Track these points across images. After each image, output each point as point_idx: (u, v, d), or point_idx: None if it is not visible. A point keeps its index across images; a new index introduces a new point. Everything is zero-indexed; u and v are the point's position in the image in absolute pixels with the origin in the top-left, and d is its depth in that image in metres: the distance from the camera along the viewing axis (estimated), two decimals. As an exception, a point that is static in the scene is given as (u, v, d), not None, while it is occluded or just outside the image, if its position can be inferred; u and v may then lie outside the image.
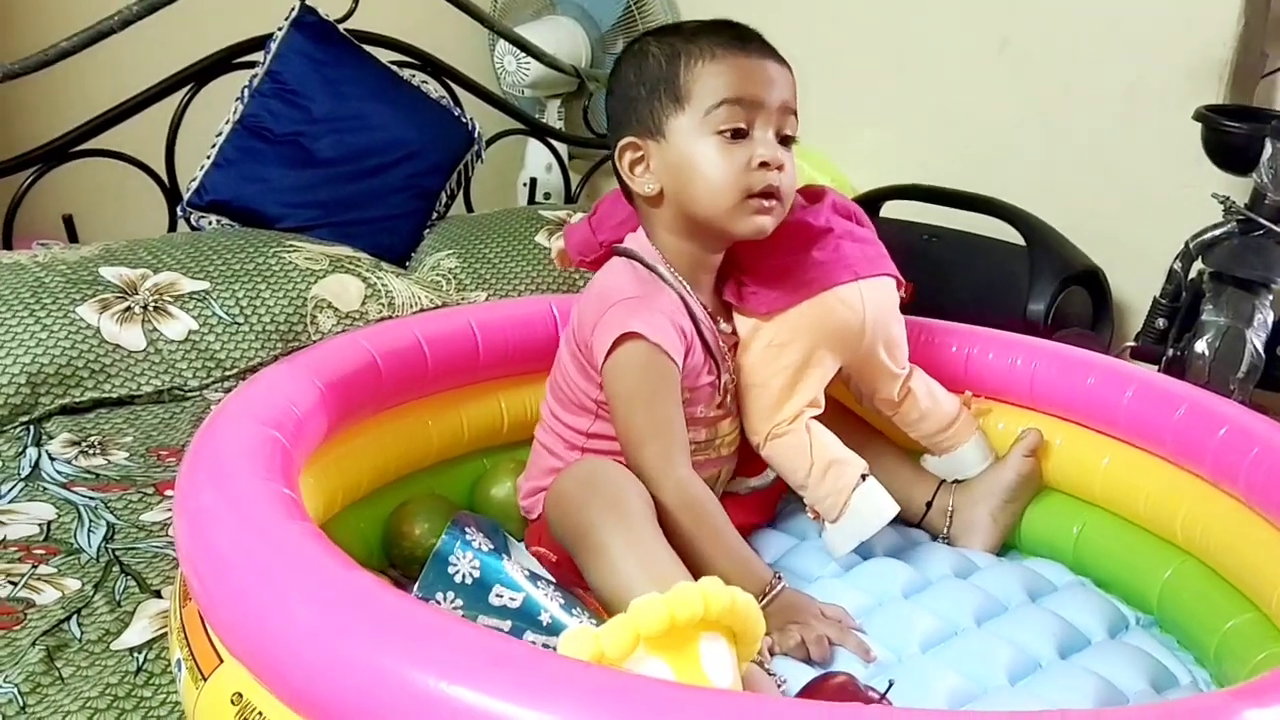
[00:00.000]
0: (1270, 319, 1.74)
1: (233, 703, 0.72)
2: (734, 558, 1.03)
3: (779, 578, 1.04)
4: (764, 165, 1.05)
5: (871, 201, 2.16)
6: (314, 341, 1.57)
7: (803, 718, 0.63)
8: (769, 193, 1.06)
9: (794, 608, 1.02)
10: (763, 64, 1.07)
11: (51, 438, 1.37)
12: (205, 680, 0.75)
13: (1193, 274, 1.80)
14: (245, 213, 1.88)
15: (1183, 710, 0.65)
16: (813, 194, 1.19)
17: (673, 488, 1.02)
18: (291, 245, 1.74)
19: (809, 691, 0.91)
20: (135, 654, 0.97)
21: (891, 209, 2.18)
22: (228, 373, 1.55)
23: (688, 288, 1.10)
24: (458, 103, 2.16)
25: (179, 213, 1.92)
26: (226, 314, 1.58)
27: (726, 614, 0.75)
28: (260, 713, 0.70)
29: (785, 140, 1.08)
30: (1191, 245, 1.80)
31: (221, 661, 0.75)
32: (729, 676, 0.76)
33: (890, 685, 0.94)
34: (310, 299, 1.64)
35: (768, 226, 1.08)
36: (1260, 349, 1.72)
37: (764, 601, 1.00)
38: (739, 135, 1.05)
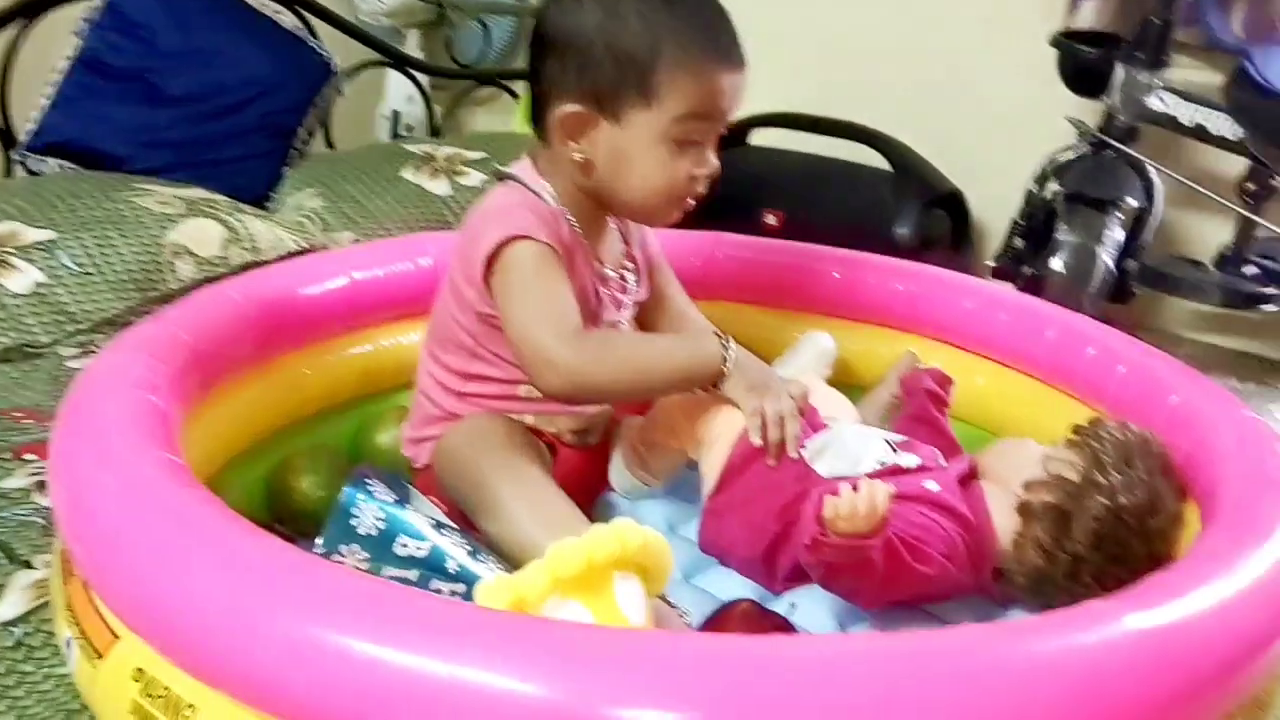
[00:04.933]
0: (1119, 236, 1.83)
1: (135, 680, 0.69)
2: (675, 352, 1.04)
3: (721, 334, 1.05)
4: (699, 176, 1.04)
5: (740, 130, 2.17)
6: (173, 290, 1.50)
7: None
8: (694, 197, 1.06)
9: (758, 371, 1.05)
10: (734, 77, 1.02)
11: (-108, 404, 1.27)
12: (102, 659, 0.72)
13: (1048, 195, 1.88)
14: (89, 155, 1.77)
15: (1072, 617, 0.69)
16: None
17: (573, 363, 0.96)
18: (142, 189, 1.64)
19: (715, 622, 0.93)
20: (11, 629, 0.92)
21: (760, 137, 2.19)
22: (81, 327, 1.47)
23: (570, 218, 1.07)
24: (313, 34, 2.06)
25: (14, 157, 1.80)
26: (76, 264, 1.49)
27: (640, 553, 0.76)
28: (167, 688, 0.68)
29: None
30: (1047, 167, 1.88)
31: (118, 638, 0.72)
32: (643, 614, 0.77)
33: (792, 608, 0.97)
34: (166, 245, 1.56)
35: (675, 220, 1.08)
36: (1111, 265, 1.81)
37: (727, 362, 1.02)
38: (688, 144, 1.02)
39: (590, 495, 1.15)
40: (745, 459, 1.03)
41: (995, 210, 2.06)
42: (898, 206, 1.98)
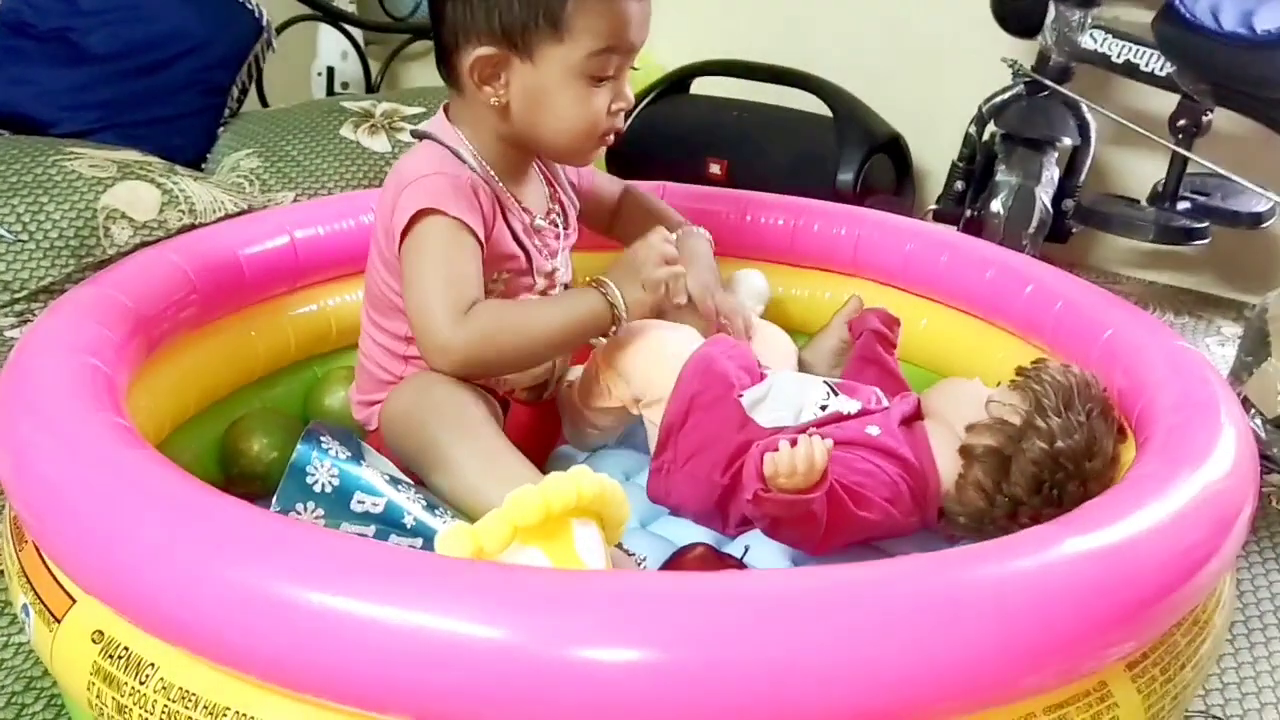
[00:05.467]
0: (1056, 175, 1.86)
1: (94, 642, 0.69)
2: (555, 315, 1.03)
3: (599, 282, 1.04)
4: (617, 110, 1.04)
5: (682, 79, 2.17)
6: (109, 256, 1.48)
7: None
8: (615, 132, 1.05)
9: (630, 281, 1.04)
10: (642, 5, 1.02)
11: None
12: (59, 623, 0.71)
13: (986, 136, 1.90)
14: (14, 119, 1.72)
15: (1014, 543, 0.71)
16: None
17: (461, 346, 0.97)
18: (72, 152, 1.60)
19: (671, 567, 0.95)
20: (-37, 601, 0.91)
21: (701, 86, 2.19)
22: (17, 295, 1.44)
23: (491, 172, 1.07)
24: (241, -12, 2.01)
25: (-65, 125, 1.74)
26: (8, 232, 1.45)
27: (597, 500, 0.77)
28: (126, 648, 0.68)
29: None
30: (984, 109, 1.89)
31: (75, 601, 0.71)
32: (600, 560, 0.78)
33: (746, 550, 0.99)
34: (101, 210, 1.52)
35: (596, 158, 1.08)
36: (1048, 204, 1.84)
37: (616, 308, 1.02)
38: (604, 79, 1.02)
39: (545, 447, 1.15)
40: (682, 414, 1.02)
41: (937, 154, 2.07)
42: (840, 153, 1.99)
